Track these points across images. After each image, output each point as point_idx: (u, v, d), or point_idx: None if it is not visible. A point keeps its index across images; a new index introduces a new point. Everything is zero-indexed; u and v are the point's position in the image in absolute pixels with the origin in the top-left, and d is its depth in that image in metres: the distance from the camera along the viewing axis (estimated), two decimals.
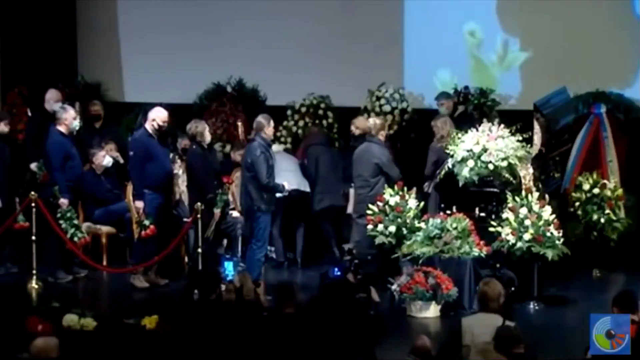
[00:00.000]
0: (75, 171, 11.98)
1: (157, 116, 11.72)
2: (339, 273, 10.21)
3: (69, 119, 11.91)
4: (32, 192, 11.60)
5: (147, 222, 11.49)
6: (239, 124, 14.40)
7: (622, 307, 7.52)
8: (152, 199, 11.59)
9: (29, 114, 13.87)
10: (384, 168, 11.66)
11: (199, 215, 11.27)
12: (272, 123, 11.66)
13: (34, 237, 11.52)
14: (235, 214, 12.72)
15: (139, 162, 11.62)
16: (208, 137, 12.00)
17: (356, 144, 12.02)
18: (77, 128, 12.10)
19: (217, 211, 11.65)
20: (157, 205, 11.65)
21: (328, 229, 12.83)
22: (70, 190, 11.86)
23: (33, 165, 12.60)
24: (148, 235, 11.51)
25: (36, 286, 11.42)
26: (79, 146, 12.18)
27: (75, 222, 11.83)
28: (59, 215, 11.70)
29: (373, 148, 11.76)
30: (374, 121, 12.07)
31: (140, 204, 11.56)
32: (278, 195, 11.68)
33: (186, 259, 12.35)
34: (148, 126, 11.72)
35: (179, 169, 12.28)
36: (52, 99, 12.91)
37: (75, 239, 11.74)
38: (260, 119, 11.62)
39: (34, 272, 11.48)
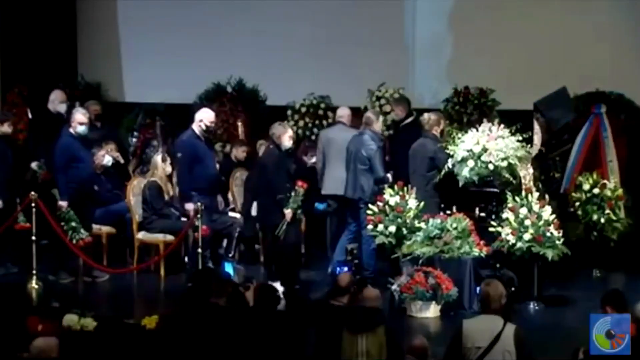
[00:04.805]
0: (79, 173, 11.81)
1: (205, 117, 11.63)
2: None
3: (74, 122, 11.82)
4: (32, 192, 11.58)
5: (197, 224, 11.30)
6: (239, 124, 14.42)
7: (616, 306, 7.51)
8: (199, 201, 11.44)
9: (29, 114, 13.88)
10: (439, 163, 11.49)
11: (199, 215, 11.25)
12: (381, 119, 12.07)
13: (34, 237, 11.51)
14: (233, 214, 12.72)
15: (187, 164, 11.52)
16: (286, 142, 11.56)
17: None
18: (84, 133, 11.90)
19: (287, 211, 11.39)
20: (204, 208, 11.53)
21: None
22: (74, 191, 11.78)
23: (34, 164, 12.60)
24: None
25: (36, 286, 11.40)
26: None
27: (73, 224, 11.74)
28: (60, 217, 11.65)
29: (427, 143, 11.69)
30: (428, 116, 11.87)
31: (190, 206, 11.45)
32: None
33: (186, 259, 12.35)
34: (195, 127, 11.61)
35: (169, 167, 12.40)
36: (56, 100, 12.93)
37: (74, 241, 11.69)
38: (369, 114, 12.08)
39: (34, 272, 11.46)
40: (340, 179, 12.12)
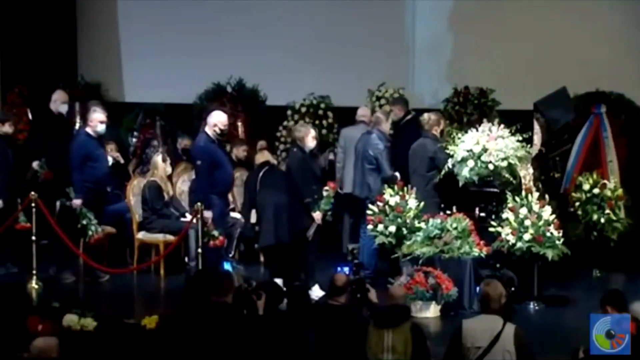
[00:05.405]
0: (95, 172, 11.74)
1: (219, 120, 11.48)
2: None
3: (94, 121, 11.78)
4: (33, 192, 11.59)
5: (216, 233, 11.21)
6: (239, 124, 14.42)
7: (616, 306, 7.52)
8: (219, 205, 11.39)
9: (29, 114, 13.88)
10: (439, 163, 11.47)
11: (199, 215, 11.25)
12: (390, 120, 12.13)
13: (34, 237, 11.51)
14: (233, 214, 12.71)
15: (207, 170, 11.36)
16: (310, 143, 11.33)
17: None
18: (103, 132, 11.86)
19: (316, 214, 11.21)
20: (222, 211, 11.53)
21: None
22: (88, 190, 11.70)
23: (35, 164, 12.60)
24: (217, 245, 11.26)
25: (36, 286, 11.41)
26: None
27: (85, 222, 11.69)
28: (79, 214, 11.62)
29: (427, 143, 11.69)
30: (428, 116, 11.86)
31: (209, 214, 11.23)
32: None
33: (186, 259, 12.35)
34: (209, 131, 11.44)
35: (169, 167, 12.43)
36: (59, 100, 12.92)
37: (87, 238, 11.65)
38: (379, 113, 12.24)
39: (34, 272, 11.47)
40: None
